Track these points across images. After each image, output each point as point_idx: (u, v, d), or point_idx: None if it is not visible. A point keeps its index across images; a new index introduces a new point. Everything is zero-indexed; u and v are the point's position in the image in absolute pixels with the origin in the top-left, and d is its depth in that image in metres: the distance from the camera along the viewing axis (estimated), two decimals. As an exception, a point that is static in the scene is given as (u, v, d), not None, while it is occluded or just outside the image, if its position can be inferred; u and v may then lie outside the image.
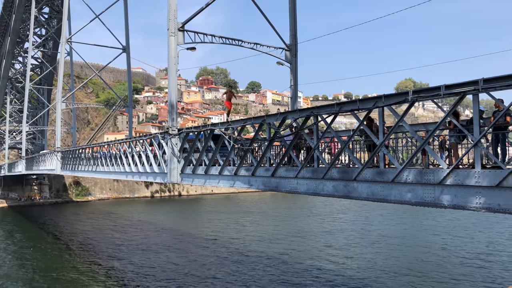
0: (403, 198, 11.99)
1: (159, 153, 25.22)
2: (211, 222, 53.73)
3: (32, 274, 28.87)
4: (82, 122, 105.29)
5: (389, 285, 25.29)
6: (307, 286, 25.13)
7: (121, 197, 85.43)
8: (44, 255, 35.09)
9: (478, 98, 9.53)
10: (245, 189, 22.74)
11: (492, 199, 9.60)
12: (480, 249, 34.47)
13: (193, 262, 31.67)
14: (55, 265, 31.71)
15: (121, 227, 49.96)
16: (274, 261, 31.48)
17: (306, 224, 50.68)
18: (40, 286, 26.01)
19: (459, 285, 25.13)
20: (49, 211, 65.84)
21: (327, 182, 14.74)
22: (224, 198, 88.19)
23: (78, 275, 28.78)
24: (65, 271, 29.78)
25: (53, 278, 27.83)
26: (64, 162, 46.03)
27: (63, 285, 26.30)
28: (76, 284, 26.64)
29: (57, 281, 27.14)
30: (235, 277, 27.33)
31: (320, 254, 33.99)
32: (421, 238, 40.08)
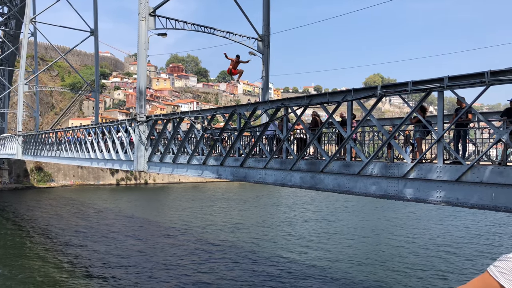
0: (368, 190, 12.31)
1: (126, 141, 24.74)
2: (178, 211, 53.41)
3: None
4: (46, 106, 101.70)
5: (349, 273, 25.98)
6: (271, 275, 25.46)
7: (86, 184, 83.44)
8: (3, 242, 33.90)
9: (443, 95, 9.84)
10: (214, 178, 22.72)
11: (452, 193, 9.98)
12: (435, 240, 35.89)
13: (159, 250, 31.44)
14: (15, 252, 30.71)
15: (86, 214, 48.88)
16: (240, 250, 31.69)
17: (272, 214, 51.21)
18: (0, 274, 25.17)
19: (414, 273, 26.12)
20: (8, 196, 63.51)
21: (294, 173, 14.94)
22: (191, 187, 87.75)
23: (41, 263, 28.01)
24: (27, 259, 28.91)
25: (14, 265, 26.96)
26: (26, 146, 44.45)
27: (26, 273, 25.53)
28: (39, 272, 25.92)
29: (18, 269, 26.32)
30: (201, 265, 27.35)
31: (284, 243, 34.47)
32: (382, 229, 41.31)
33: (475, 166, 9.27)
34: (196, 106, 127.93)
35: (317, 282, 24.30)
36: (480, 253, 32.15)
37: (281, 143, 14.92)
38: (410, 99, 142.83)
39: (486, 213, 47.93)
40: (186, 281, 24.19)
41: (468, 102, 9.52)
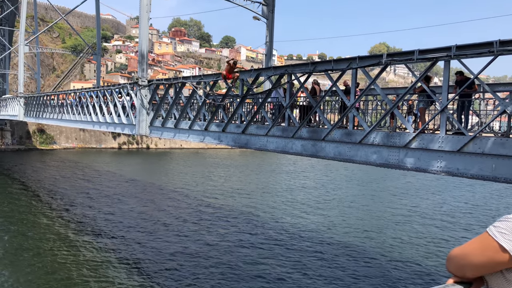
0: (369, 159, 12.35)
1: (128, 104, 24.66)
2: (179, 175, 53.91)
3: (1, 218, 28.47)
4: (47, 68, 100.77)
5: (345, 238, 26.49)
6: (268, 237, 25.98)
7: (88, 147, 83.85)
8: (11, 201, 34.45)
9: (449, 64, 9.70)
10: (215, 144, 22.79)
11: (452, 164, 10.01)
12: (432, 210, 36.36)
13: (160, 212, 31.98)
14: (22, 210, 31.31)
15: (89, 176, 49.42)
16: (239, 214, 32.20)
17: (272, 181, 51.68)
18: (9, 229, 25.70)
19: (410, 240, 26.62)
20: (12, 157, 64.02)
21: (296, 141, 14.95)
22: (193, 153, 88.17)
23: (49, 221, 28.64)
24: (35, 217, 29.51)
25: (23, 223, 27.52)
26: (28, 108, 44.38)
27: (35, 230, 26.11)
28: (48, 229, 26.52)
29: (27, 226, 26.89)
30: (201, 227, 27.87)
31: (283, 208, 34.97)
32: (380, 197, 41.80)
33: (478, 137, 9.25)
34: (198, 72, 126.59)
35: (314, 246, 24.81)
36: (476, 223, 32.62)
37: (283, 110, 14.86)
38: (415, 69, 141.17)
39: (485, 184, 48.31)
40: (186, 242, 24.72)
41: (473, 74, 9.38)
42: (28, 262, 20.74)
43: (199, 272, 20.37)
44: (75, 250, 23.03)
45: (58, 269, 19.95)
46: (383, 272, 21.40)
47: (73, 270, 19.96)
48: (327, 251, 24.33)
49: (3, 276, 18.78)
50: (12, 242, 24.00)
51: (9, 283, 18.04)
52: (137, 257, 22.23)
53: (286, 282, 19.49)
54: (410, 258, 23.61)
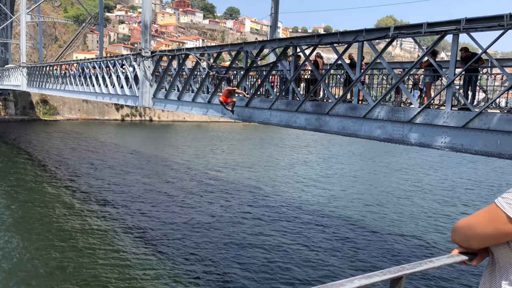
0: (373, 134, 12.31)
1: (131, 76, 24.50)
2: (182, 148, 54.12)
3: (5, 186, 28.80)
4: (49, 38, 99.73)
5: (345, 212, 26.76)
6: (268, 210, 26.27)
7: (91, 118, 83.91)
8: (18, 170, 34.79)
9: (458, 38, 9.51)
10: (218, 118, 22.72)
11: (457, 139, 9.97)
12: (434, 185, 36.53)
13: (163, 184, 32.27)
14: (28, 179, 31.67)
15: (94, 147, 49.69)
16: (240, 186, 32.47)
17: (275, 155, 51.83)
18: (16, 198, 26.08)
19: (411, 214, 26.87)
20: (17, 128, 64.27)
21: (300, 115, 14.88)
22: (195, 126, 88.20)
23: (54, 190, 29.01)
24: (41, 186, 29.87)
25: (29, 191, 27.88)
26: (31, 78, 44.20)
27: (42, 198, 26.48)
28: (54, 198, 26.88)
29: (33, 194, 27.25)
30: (202, 199, 28.18)
31: (284, 182, 35.21)
32: (383, 173, 41.95)
33: (483, 113, 9.17)
34: (201, 44, 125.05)
35: (315, 218, 25.10)
36: (477, 198, 32.80)
37: (287, 83, 14.73)
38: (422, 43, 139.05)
39: (488, 161, 48.29)
40: (189, 213, 25.05)
41: (482, 49, 9.21)
42: (35, 231, 21.11)
43: (201, 241, 20.70)
44: (81, 219, 23.39)
45: (64, 237, 20.32)
46: (383, 244, 21.69)
47: (79, 238, 20.33)
48: (328, 224, 24.62)
49: (11, 244, 19.16)
50: (20, 210, 24.38)
51: (17, 251, 18.42)
52: (141, 226, 22.57)
53: (287, 253, 19.81)
54: (411, 232, 23.88)
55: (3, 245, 18.87)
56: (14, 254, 18.04)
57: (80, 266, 17.27)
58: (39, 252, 18.36)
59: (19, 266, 16.91)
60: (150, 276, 16.80)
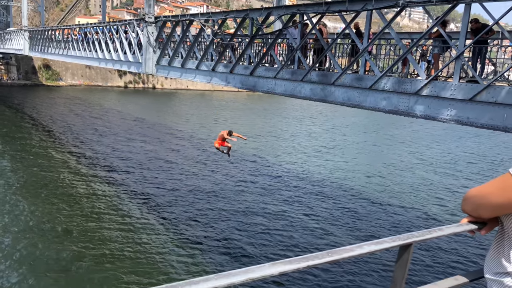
0: (378, 105, 12.22)
1: (134, 42, 24.18)
2: (186, 116, 54.07)
3: (11, 151, 29.04)
4: (51, 1, 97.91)
5: (346, 183, 26.97)
6: (270, 181, 26.49)
7: (94, 84, 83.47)
8: (23, 135, 34.96)
9: (470, 8, 9.27)
10: (222, 86, 22.56)
11: (463, 112, 9.89)
12: (436, 158, 36.58)
13: (165, 153, 32.44)
14: (34, 144, 31.86)
15: (97, 114, 49.71)
16: (242, 156, 32.60)
17: (278, 125, 51.77)
18: (23, 163, 26.35)
19: (411, 187, 27.07)
20: (20, 92, 64.13)
21: (305, 84, 14.73)
22: (199, 94, 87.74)
23: (60, 155, 29.23)
24: (47, 151, 30.07)
25: (35, 156, 28.11)
26: (33, 42, 43.73)
27: (48, 163, 26.72)
28: (60, 162, 27.11)
29: (34, 159, 27.48)
30: (204, 168, 28.38)
31: (287, 152, 35.33)
32: (386, 144, 41.97)
33: (492, 86, 9.05)
34: (206, 10, 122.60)
35: (316, 188, 25.32)
36: (480, 172, 32.88)
37: (293, 52, 14.52)
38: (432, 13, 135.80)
39: (492, 136, 48.12)
40: (191, 180, 25.29)
41: (494, 19, 8.98)
42: (41, 195, 21.43)
43: (204, 208, 21.00)
44: (86, 184, 23.68)
45: (70, 201, 20.63)
46: (383, 215, 21.95)
47: (84, 202, 20.64)
48: (330, 194, 24.85)
49: (18, 207, 19.49)
50: (26, 175, 24.66)
51: (25, 214, 18.75)
52: (145, 192, 22.85)
53: (288, 221, 20.10)
54: (411, 204, 24.11)
55: (10, 209, 19.21)
56: (21, 218, 18.38)
57: (86, 229, 17.60)
58: (45, 216, 18.69)
59: (26, 229, 17.26)
60: (153, 240, 17.14)
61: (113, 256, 15.53)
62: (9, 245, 15.75)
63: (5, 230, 16.96)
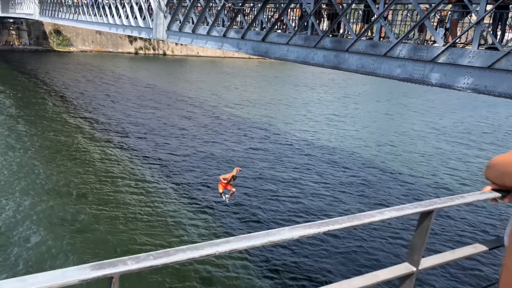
0: (392, 73, 12.00)
1: (145, 7, 23.83)
2: (196, 83, 53.83)
3: (26, 116, 29.41)
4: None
5: (356, 153, 26.92)
6: (279, 150, 26.55)
7: (104, 50, 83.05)
8: (39, 100, 35.26)
9: (493, -30, 8.87)
10: (233, 52, 22.27)
11: (480, 80, 9.67)
12: (451, 128, 36.17)
13: (175, 120, 32.55)
14: (49, 109, 32.19)
15: (110, 80, 49.74)
16: (253, 125, 32.59)
17: (289, 93, 51.33)
18: (37, 127, 26.72)
19: (422, 157, 26.94)
20: (32, 58, 64.18)
21: (318, 51, 14.47)
22: (209, 61, 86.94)
23: (74, 120, 29.54)
24: (61, 116, 30.39)
25: (38, 124, 28.46)
26: (43, 7, 43.34)
27: (63, 126, 27.06)
28: (74, 127, 27.45)
29: (43, 126, 27.83)
30: (214, 137, 28.49)
31: (298, 120, 35.20)
32: (398, 113, 41.52)
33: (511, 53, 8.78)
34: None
35: (327, 155, 25.35)
36: (495, 141, 32.49)
37: (307, 17, 14.18)
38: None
39: (509, 105, 47.18)
40: (199, 149, 25.45)
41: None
42: (57, 158, 21.80)
43: (214, 173, 21.20)
44: (100, 148, 24.00)
45: (85, 165, 20.99)
46: (394, 184, 21.99)
47: (98, 166, 20.99)
48: (340, 162, 24.88)
49: (35, 171, 19.90)
50: (41, 139, 25.04)
51: (41, 178, 19.17)
52: (157, 156, 23.11)
53: (297, 187, 20.26)
54: (423, 173, 24.06)
55: (27, 172, 19.62)
56: (37, 181, 18.80)
57: (100, 192, 17.99)
58: (61, 180, 19.09)
59: (43, 192, 17.68)
60: (165, 204, 17.47)
61: (126, 218, 15.91)
62: (28, 208, 16.20)
63: (24, 193, 17.40)
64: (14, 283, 0.99)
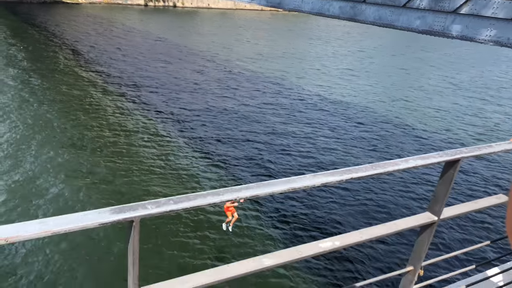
0: (411, 25, 11.57)
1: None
2: (207, 36, 52.83)
3: (38, 69, 29.42)
4: None
5: (370, 108, 26.60)
6: (295, 101, 26.33)
7: (113, 2, 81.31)
8: (48, 54, 35.13)
9: None
10: (246, 4, 21.65)
11: (503, 32, 9.28)
12: (469, 83, 35.32)
13: (186, 74, 32.27)
14: (60, 61, 32.13)
15: (120, 33, 49.02)
16: (265, 79, 32.19)
17: (303, 47, 50.20)
18: (51, 80, 26.80)
19: (438, 112, 26.53)
20: (40, 10, 63.29)
21: (334, 1, 13.96)
22: (220, 13, 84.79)
23: (87, 73, 29.50)
24: (73, 69, 30.35)
25: (50, 78, 28.48)
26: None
27: (75, 80, 27.11)
28: (87, 79, 27.48)
29: (55, 81, 27.87)
30: (226, 91, 28.29)
31: (312, 75, 34.64)
32: (415, 68, 40.53)
33: (540, 3, 8.33)
34: None
35: (340, 109, 25.13)
36: (510, 100, 31.80)
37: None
38: None
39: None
40: (211, 103, 25.37)
41: None
42: (72, 111, 21.98)
43: (226, 128, 21.27)
44: (113, 101, 24.07)
45: (99, 118, 21.15)
46: (408, 138, 21.84)
47: (111, 118, 21.16)
48: (352, 116, 24.68)
49: (51, 124, 20.14)
50: (54, 92, 25.15)
51: (57, 131, 19.43)
52: (169, 110, 23.15)
53: (310, 141, 20.26)
54: (438, 127, 23.80)
55: (43, 125, 19.88)
56: (53, 134, 19.07)
57: (114, 145, 18.23)
58: (76, 133, 19.33)
59: (58, 145, 17.97)
60: (176, 156, 17.68)
61: (140, 171, 16.20)
62: (44, 161, 16.55)
63: (40, 146, 17.72)
64: (36, 224, 0.99)
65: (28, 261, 11.02)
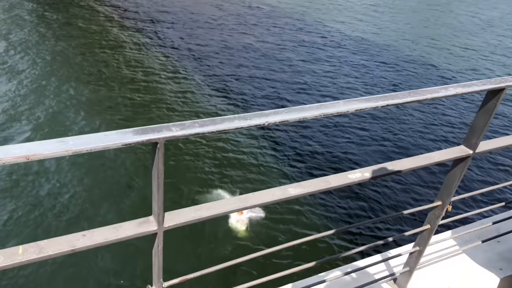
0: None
1: None
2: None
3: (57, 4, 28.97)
4: None
5: (395, 44, 25.65)
6: (313, 40, 25.54)
7: None
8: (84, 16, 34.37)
9: None
10: None
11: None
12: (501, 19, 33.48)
13: (212, 8, 31.28)
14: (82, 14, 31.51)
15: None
16: (286, 14, 31.04)
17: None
18: (67, 14, 26.45)
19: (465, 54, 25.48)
20: None
21: None
22: None
23: (91, 12, 28.92)
24: (92, 4, 29.77)
25: (81, 8, 28.01)
26: None
27: (93, 16, 26.70)
28: (105, 17, 27.03)
29: (70, 17, 27.43)
30: (245, 28, 27.49)
31: (336, 10, 33.23)
32: (445, 3, 38.40)
33: None
34: None
35: (359, 49, 24.34)
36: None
37: None
38: None
39: None
40: (228, 42, 24.76)
41: None
42: (90, 46, 21.83)
43: (242, 64, 20.91)
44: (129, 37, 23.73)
45: (114, 52, 21.00)
46: (431, 77, 21.20)
47: (127, 52, 20.99)
48: (375, 54, 23.90)
49: (69, 59, 20.11)
50: (71, 27, 24.85)
51: (76, 67, 19.42)
52: (186, 47, 22.77)
53: (327, 79, 19.86)
54: (464, 66, 22.96)
55: (60, 60, 19.86)
56: (70, 69, 19.09)
57: (131, 80, 18.22)
58: (93, 67, 19.29)
59: (77, 78, 18.05)
60: (194, 93, 17.64)
61: (159, 108, 16.28)
62: (66, 95, 16.70)
63: (60, 81, 17.81)
64: (55, 143, 0.95)
65: (47, 180, 11.39)
